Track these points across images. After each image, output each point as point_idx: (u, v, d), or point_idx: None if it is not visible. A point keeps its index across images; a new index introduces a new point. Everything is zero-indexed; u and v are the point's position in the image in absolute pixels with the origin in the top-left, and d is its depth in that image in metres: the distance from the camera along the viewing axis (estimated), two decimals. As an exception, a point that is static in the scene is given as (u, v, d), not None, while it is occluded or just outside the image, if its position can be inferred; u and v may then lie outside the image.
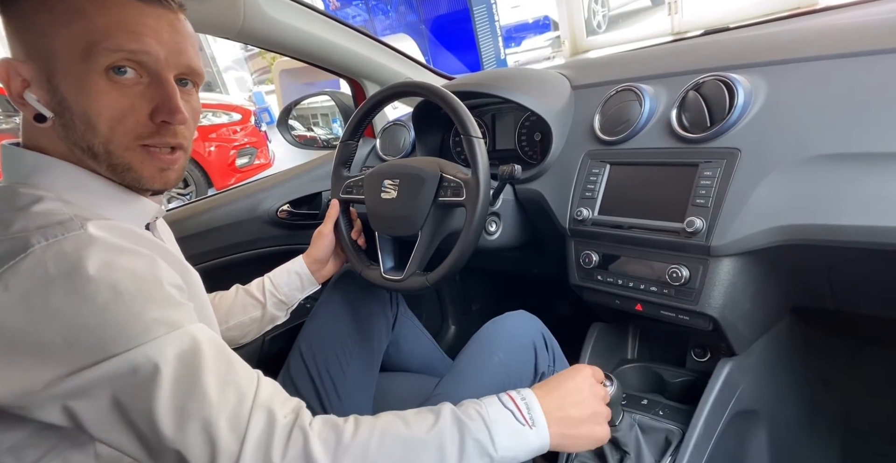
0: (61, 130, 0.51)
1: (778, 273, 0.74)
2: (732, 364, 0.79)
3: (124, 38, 0.48)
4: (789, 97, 0.70)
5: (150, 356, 0.43)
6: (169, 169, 0.55)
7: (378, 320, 0.98)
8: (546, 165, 0.91)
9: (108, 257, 0.44)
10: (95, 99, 0.49)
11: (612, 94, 0.85)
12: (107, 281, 0.43)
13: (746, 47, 0.84)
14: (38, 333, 0.41)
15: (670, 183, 0.74)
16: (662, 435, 0.80)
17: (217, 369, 0.46)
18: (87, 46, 0.48)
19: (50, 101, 0.50)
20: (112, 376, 0.42)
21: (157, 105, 0.51)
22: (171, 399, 0.43)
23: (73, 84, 0.49)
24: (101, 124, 0.50)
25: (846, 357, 1.02)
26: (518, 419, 0.54)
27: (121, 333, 0.43)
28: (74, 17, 0.48)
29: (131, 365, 0.43)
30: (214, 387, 0.45)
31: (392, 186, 0.88)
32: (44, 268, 0.42)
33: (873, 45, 0.67)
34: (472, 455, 0.50)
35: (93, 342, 0.42)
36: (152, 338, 0.44)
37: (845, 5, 0.99)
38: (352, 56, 1.20)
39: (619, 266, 0.80)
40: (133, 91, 0.50)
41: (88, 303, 0.42)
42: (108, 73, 0.49)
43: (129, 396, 0.43)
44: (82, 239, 0.45)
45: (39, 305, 0.42)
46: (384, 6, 6.71)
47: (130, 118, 0.51)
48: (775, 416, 0.91)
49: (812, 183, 0.64)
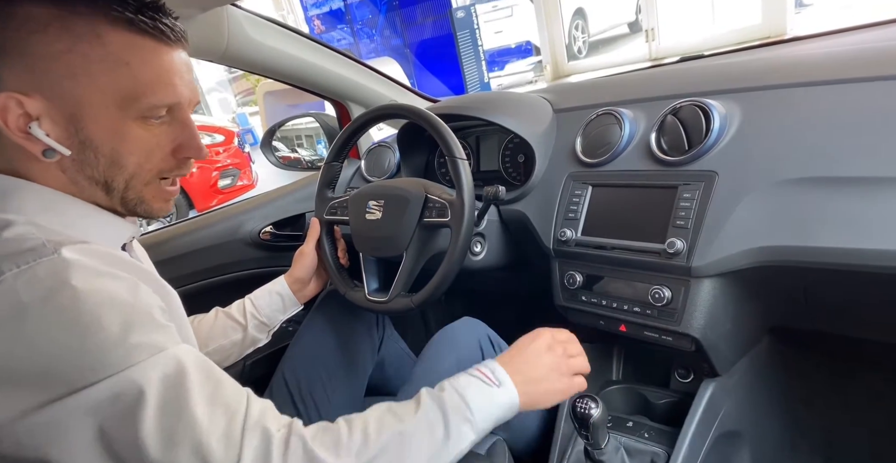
0: (76, 166, 0.51)
1: (757, 294, 0.75)
2: (715, 385, 0.80)
3: (165, 92, 0.51)
4: (762, 122, 0.72)
5: (133, 381, 0.42)
6: (171, 199, 0.59)
7: (363, 343, 0.97)
8: (530, 187, 0.92)
9: (84, 282, 0.43)
10: (127, 141, 0.51)
11: (592, 118, 0.87)
12: (84, 306, 0.42)
13: (721, 74, 0.87)
14: (13, 362, 0.40)
15: (651, 205, 0.76)
16: (648, 458, 0.79)
17: (204, 390, 0.45)
18: (126, 96, 0.49)
19: (68, 139, 0.49)
20: (94, 405, 0.41)
21: (181, 143, 0.54)
22: (158, 425, 0.42)
23: (104, 127, 0.49)
24: (130, 163, 0.52)
25: (826, 377, 1.03)
26: (485, 382, 0.60)
27: (101, 360, 0.41)
28: (115, 66, 0.48)
29: (113, 391, 0.41)
30: (203, 409, 0.44)
31: (377, 207, 0.88)
32: (16, 296, 0.41)
33: (840, 74, 0.70)
34: (455, 423, 0.55)
35: (71, 370, 0.41)
36: (135, 362, 0.42)
37: (813, 36, 1.04)
38: (336, 78, 1.21)
39: (603, 287, 0.80)
40: (159, 130, 0.53)
41: (66, 329, 0.41)
42: (139, 119, 0.51)
43: (114, 424, 0.41)
44: (56, 264, 0.43)
45: (12, 333, 0.40)
46: (369, 30, 6.83)
47: (156, 155, 0.53)
48: (758, 437, 0.91)
49: (787, 205, 0.65)
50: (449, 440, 0.54)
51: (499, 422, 0.59)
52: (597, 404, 0.67)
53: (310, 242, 0.94)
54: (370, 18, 6.73)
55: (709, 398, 0.79)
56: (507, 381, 0.61)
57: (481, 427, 0.57)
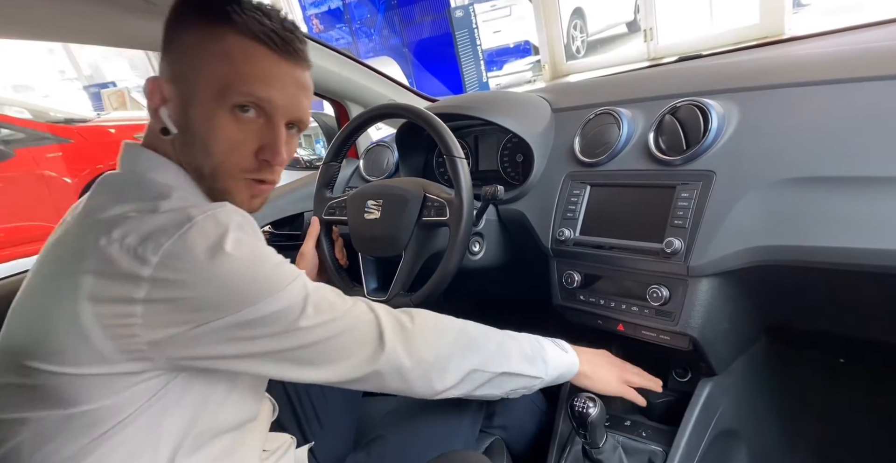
0: (179, 146, 0.58)
1: (755, 293, 0.76)
2: (713, 384, 0.80)
3: (257, 85, 0.56)
4: (760, 122, 0.72)
5: (297, 289, 0.54)
6: (258, 197, 0.63)
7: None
8: (528, 186, 0.92)
9: (248, 226, 0.54)
10: (217, 128, 0.56)
11: (591, 118, 0.87)
12: (250, 244, 0.52)
13: (719, 74, 0.87)
14: (210, 284, 0.49)
15: (649, 204, 0.76)
16: (646, 457, 0.80)
17: (332, 291, 0.59)
18: (224, 86, 0.55)
19: (179, 121, 0.57)
20: (273, 311, 0.51)
21: (264, 144, 0.58)
22: (316, 319, 0.54)
23: (203, 113, 0.56)
24: (216, 151, 0.57)
25: (823, 376, 1.03)
26: (555, 344, 0.76)
27: (270, 280, 0.52)
28: (224, 61, 0.55)
29: (290, 297, 0.53)
30: (342, 305, 0.58)
31: (375, 207, 0.88)
32: (207, 233, 0.49)
33: (837, 74, 0.70)
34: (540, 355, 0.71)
35: (250, 289, 0.51)
36: (292, 278, 0.54)
37: (810, 36, 1.04)
38: (335, 78, 1.21)
39: (601, 286, 0.80)
40: (248, 127, 0.57)
41: (242, 259, 0.50)
42: (233, 110, 0.56)
43: (292, 320, 0.53)
44: (228, 212, 0.53)
45: (208, 262, 0.48)
46: (367, 29, 6.81)
47: (240, 150, 0.58)
48: (755, 436, 0.92)
49: (784, 205, 0.66)
50: (531, 363, 0.70)
51: (561, 376, 0.74)
52: (594, 403, 0.68)
53: (309, 241, 0.94)
54: (369, 18, 6.72)
55: (706, 397, 0.79)
56: (571, 351, 0.76)
57: (551, 373, 0.72)
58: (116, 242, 0.48)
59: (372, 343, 0.58)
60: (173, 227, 0.49)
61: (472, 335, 0.67)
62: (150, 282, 0.47)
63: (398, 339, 0.60)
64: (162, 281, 0.47)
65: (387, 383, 0.60)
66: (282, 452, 0.71)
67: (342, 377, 0.58)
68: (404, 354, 0.59)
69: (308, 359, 0.55)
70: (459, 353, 0.64)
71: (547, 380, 0.72)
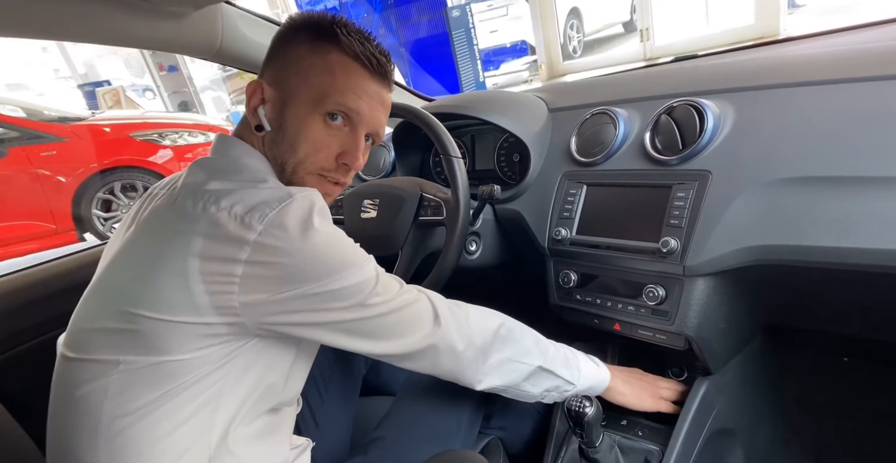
0: (269, 142, 0.65)
1: (750, 293, 0.76)
2: (708, 383, 0.80)
3: (350, 98, 0.63)
4: (755, 122, 0.72)
5: (371, 268, 0.60)
6: (329, 195, 0.68)
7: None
8: (525, 186, 0.92)
9: (325, 211, 0.59)
10: (307, 131, 0.63)
11: (587, 117, 0.88)
12: (330, 225, 0.59)
13: (715, 74, 0.87)
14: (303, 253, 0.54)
15: (645, 204, 0.76)
16: (642, 456, 0.80)
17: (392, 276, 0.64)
18: (321, 95, 0.62)
19: (273, 120, 0.64)
20: (353, 282, 0.57)
21: (345, 150, 0.65)
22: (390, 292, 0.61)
23: (298, 115, 0.63)
24: (302, 150, 0.63)
25: (817, 375, 1.04)
26: (588, 358, 0.77)
27: (350, 257, 0.58)
28: (325, 73, 0.62)
29: (365, 274, 0.59)
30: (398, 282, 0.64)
31: (372, 206, 0.88)
32: (303, 209, 0.56)
33: (832, 74, 0.71)
34: (574, 366, 0.74)
35: (335, 261, 0.56)
36: (366, 258, 0.60)
37: (805, 36, 1.05)
38: (332, 77, 1.21)
39: (598, 286, 0.81)
40: (335, 133, 0.64)
41: (332, 235, 0.57)
42: (324, 117, 0.63)
43: (366, 295, 0.58)
44: (318, 195, 0.59)
45: (303, 233, 0.54)
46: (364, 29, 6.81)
47: (323, 152, 0.64)
48: (751, 435, 0.92)
49: (778, 205, 0.66)
50: (566, 366, 0.73)
51: (592, 389, 0.76)
52: (591, 403, 0.68)
53: None
54: (365, 17, 6.71)
55: (702, 396, 0.79)
56: (603, 366, 0.78)
57: (583, 383, 0.75)
58: (225, 210, 0.54)
59: (429, 321, 0.64)
60: (276, 201, 0.55)
61: (512, 327, 0.71)
62: (254, 246, 0.53)
63: (451, 318, 0.65)
64: (263, 246, 0.53)
65: (441, 361, 0.65)
66: (300, 451, 0.73)
67: (402, 349, 0.63)
68: (456, 335, 0.65)
69: (374, 331, 0.61)
70: (500, 341, 0.69)
71: (579, 388, 0.74)
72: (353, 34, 0.63)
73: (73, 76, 9.47)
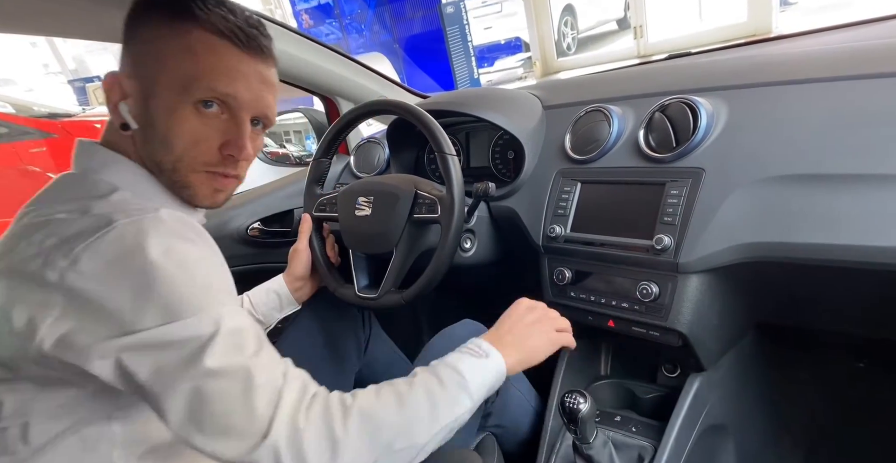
0: (140, 142, 0.57)
1: (743, 290, 0.76)
2: (701, 379, 0.81)
3: (221, 81, 0.55)
4: (748, 120, 0.73)
5: (210, 323, 0.48)
6: (222, 191, 0.62)
7: (349, 342, 0.96)
8: (519, 183, 0.92)
9: (179, 236, 0.50)
10: (179, 124, 0.55)
11: (581, 115, 0.88)
12: (178, 255, 0.48)
13: (708, 72, 0.87)
14: (114, 296, 0.46)
15: (639, 201, 0.76)
16: (635, 452, 0.80)
17: (257, 343, 0.51)
18: (187, 81, 0.54)
19: (139, 116, 0.56)
20: (174, 338, 0.47)
21: (228, 140, 0.58)
22: (219, 362, 0.47)
23: (165, 108, 0.55)
24: (177, 146, 0.56)
25: (809, 372, 1.05)
26: (474, 355, 0.63)
27: (186, 301, 0.48)
28: (187, 56, 0.54)
29: (194, 329, 0.47)
30: (254, 355, 0.50)
31: (366, 204, 0.88)
32: (124, 240, 0.47)
33: (825, 72, 0.71)
34: (453, 388, 0.58)
35: (161, 307, 0.47)
36: (213, 309, 0.49)
37: (798, 34, 1.05)
38: (325, 74, 1.20)
39: (592, 283, 0.81)
40: (212, 123, 0.57)
41: (161, 272, 0.47)
42: (196, 105, 0.55)
43: (185, 356, 0.47)
44: (160, 219, 0.50)
45: (118, 272, 0.46)
46: (358, 25, 6.77)
47: (203, 145, 0.57)
48: (743, 430, 0.93)
49: (771, 202, 0.66)
50: (448, 406, 0.57)
51: (492, 389, 0.63)
52: (585, 399, 0.68)
53: (302, 238, 0.93)
54: (359, 13, 6.67)
55: (695, 392, 0.80)
56: (492, 351, 0.64)
57: (476, 395, 0.60)
58: (35, 245, 0.48)
59: (269, 430, 0.48)
60: (89, 232, 0.47)
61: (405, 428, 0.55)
62: (56, 287, 0.46)
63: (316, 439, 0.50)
64: (67, 288, 0.45)
65: None
66: None
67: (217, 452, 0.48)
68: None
69: (179, 404, 0.47)
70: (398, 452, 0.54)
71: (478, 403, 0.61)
72: (212, 7, 0.55)
73: (62, 72, 9.37)
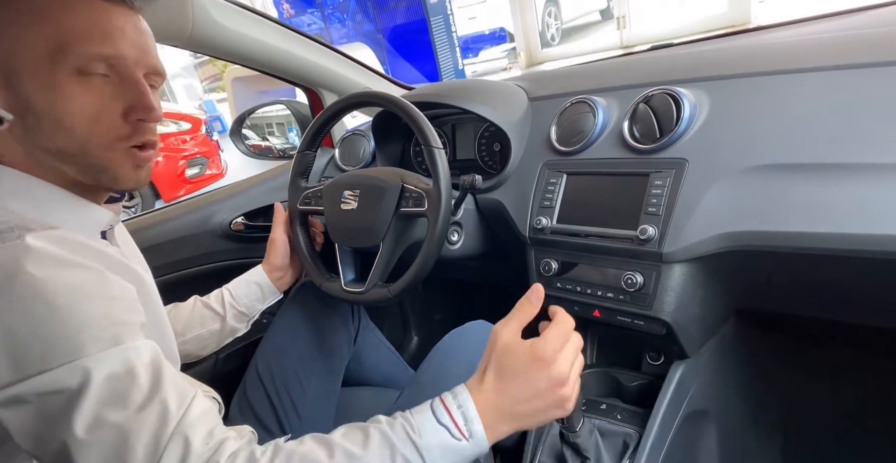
0: (22, 133, 0.49)
1: (724, 278, 0.78)
2: (684, 366, 0.82)
3: (96, 41, 0.47)
4: (730, 110, 0.74)
5: (79, 374, 0.41)
6: (143, 166, 0.55)
7: (339, 335, 0.96)
8: (505, 175, 0.92)
9: (43, 270, 0.43)
10: (66, 101, 0.48)
11: (567, 106, 0.88)
12: (42, 295, 0.42)
13: (690, 63, 0.88)
14: None
15: (624, 192, 0.77)
16: (620, 439, 0.82)
17: (147, 391, 0.44)
18: (56, 48, 0.46)
19: (9, 103, 0.47)
20: (40, 391, 0.41)
21: (130, 104, 0.51)
22: (92, 417, 0.41)
23: (40, 86, 0.47)
24: (76, 125, 0.48)
25: (788, 357, 1.08)
26: (454, 435, 0.49)
27: (52, 349, 0.41)
28: (39, 19, 0.46)
29: (60, 381, 0.41)
30: (138, 409, 0.43)
31: (352, 197, 0.87)
32: None
33: (806, 63, 0.72)
34: None
35: (22, 357, 0.41)
36: (84, 355, 0.42)
37: (776, 25, 1.06)
38: (307, 65, 1.18)
39: (578, 273, 0.82)
40: (103, 91, 0.50)
41: (21, 316, 0.41)
42: (76, 75, 0.48)
43: (55, 410, 0.41)
44: (17, 250, 0.43)
45: None
46: (340, 15, 6.67)
47: (105, 118, 0.50)
48: (723, 415, 0.95)
49: (752, 192, 0.67)
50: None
51: None
52: (572, 388, 0.69)
53: (276, 228, 0.93)
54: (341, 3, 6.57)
55: (678, 379, 0.81)
56: (479, 432, 0.49)
57: None
58: None
59: None
60: None
61: None
62: None
63: None
64: None
65: None
66: None
67: None
68: None
69: None
70: None
71: None
72: None
73: (34, 63, 9.07)
